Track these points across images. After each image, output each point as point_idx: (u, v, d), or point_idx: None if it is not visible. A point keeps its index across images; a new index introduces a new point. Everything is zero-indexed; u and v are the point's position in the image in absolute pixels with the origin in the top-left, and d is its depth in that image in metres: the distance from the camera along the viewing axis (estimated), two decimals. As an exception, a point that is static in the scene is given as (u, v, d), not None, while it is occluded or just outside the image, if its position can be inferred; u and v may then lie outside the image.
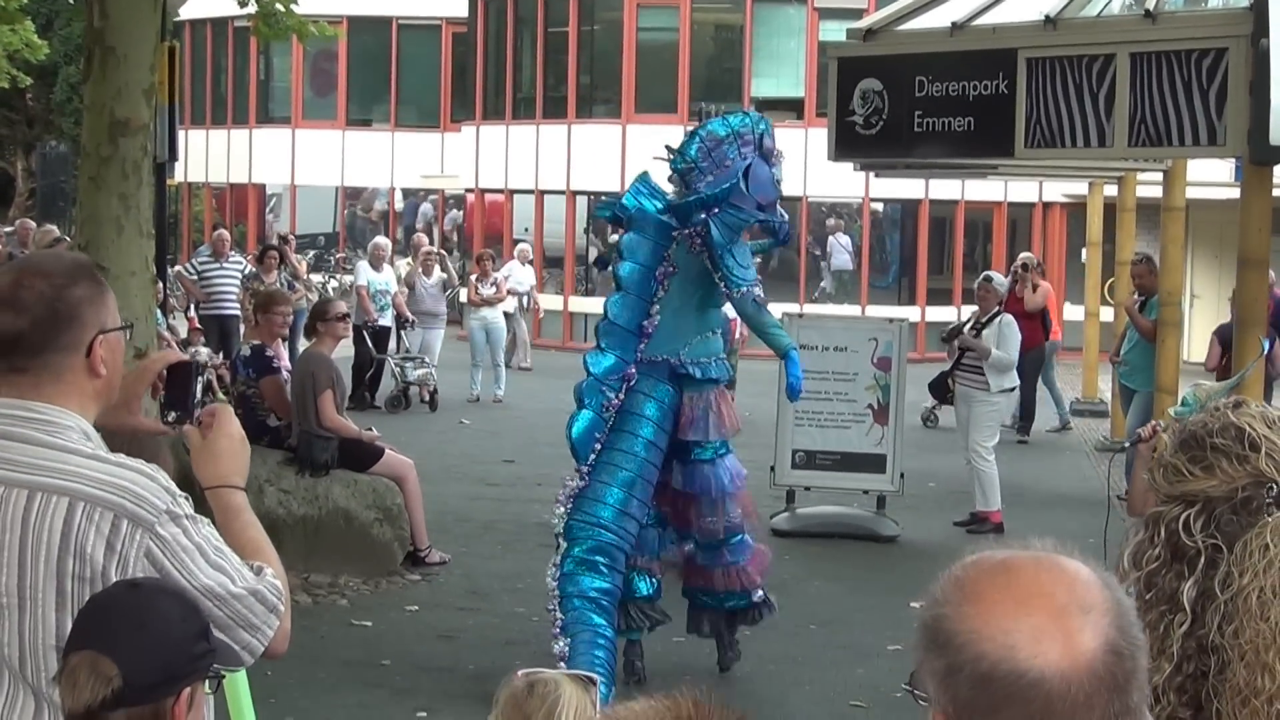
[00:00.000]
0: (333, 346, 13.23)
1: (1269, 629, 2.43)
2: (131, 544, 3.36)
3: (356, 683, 9.82)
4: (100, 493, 3.38)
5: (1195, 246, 30.48)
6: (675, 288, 9.90)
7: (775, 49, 34.24)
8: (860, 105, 14.95)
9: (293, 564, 12.38)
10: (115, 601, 3.10)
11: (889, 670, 10.24)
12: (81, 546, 3.35)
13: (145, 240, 11.99)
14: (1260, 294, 13.01)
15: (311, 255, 37.15)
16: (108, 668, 2.93)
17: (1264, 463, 2.52)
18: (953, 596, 2.03)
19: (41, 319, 3.50)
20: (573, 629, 9.39)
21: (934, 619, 2.03)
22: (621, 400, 9.83)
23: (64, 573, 3.36)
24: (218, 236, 23.61)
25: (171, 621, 3.06)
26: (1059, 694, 1.93)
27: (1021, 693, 1.93)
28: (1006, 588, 2.00)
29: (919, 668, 2.07)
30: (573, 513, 9.73)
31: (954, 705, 1.99)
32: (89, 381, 3.58)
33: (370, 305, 22.26)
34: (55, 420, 3.50)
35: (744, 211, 9.75)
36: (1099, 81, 13.33)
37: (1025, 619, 1.96)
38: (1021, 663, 1.94)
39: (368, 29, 39.88)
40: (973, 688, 1.96)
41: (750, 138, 10.00)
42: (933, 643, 2.02)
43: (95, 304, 3.58)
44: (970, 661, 1.96)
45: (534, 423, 21.64)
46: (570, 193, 34.37)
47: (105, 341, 3.59)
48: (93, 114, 11.93)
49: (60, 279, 3.55)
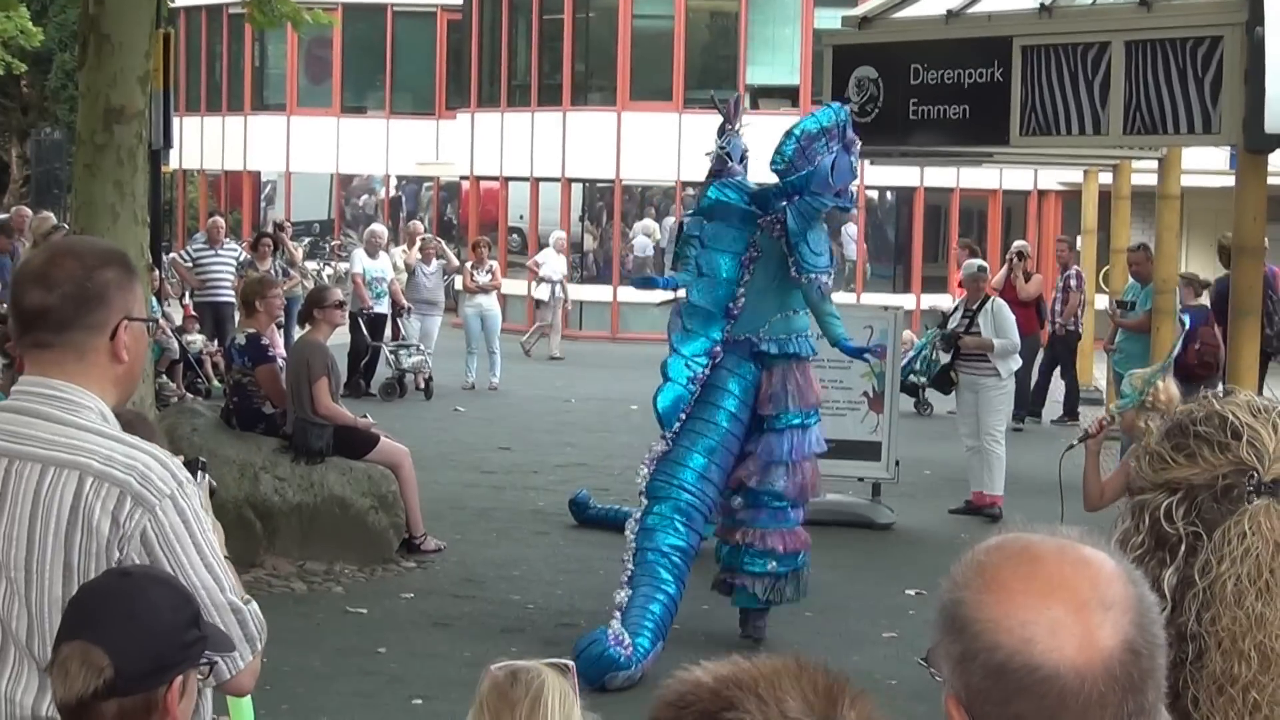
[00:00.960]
0: (328, 334, 13.22)
1: (1245, 616, 2.44)
2: (131, 521, 3.40)
3: (352, 670, 9.84)
4: (110, 469, 3.43)
5: (1190, 234, 30.48)
6: (759, 271, 10.63)
7: (770, 36, 34.24)
8: (856, 93, 14.96)
9: (288, 551, 12.45)
10: (106, 590, 3.10)
11: (884, 657, 10.26)
12: (89, 519, 3.40)
13: (140, 227, 11.99)
14: (1255, 281, 13.04)
15: (307, 242, 37.15)
16: (99, 658, 2.93)
17: (1245, 451, 2.53)
18: (973, 582, 2.01)
19: (70, 295, 3.57)
20: (638, 581, 10.07)
21: (952, 603, 2.01)
22: (707, 376, 10.54)
23: (71, 545, 3.40)
24: (213, 224, 23.60)
25: (162, 610, 3.06)
26: (1073, 690, 1.92)
27: (1035, 686, 1.92)
28: (1028, 578, 1.98)
29: (935, 648, 2.06)
30: (655, 474, 10.42)
31: (966, 691, 1.98)
32: (111, 365, 3.63)
33: (365, 292, 22.25)
34: (75, 400, 3.55)
35: (822, 198, 10.35)
36: (1094, 69, 13.35)
37: (1045, 611, 1.94)
38: (1037, 656, 1.92)
39: (363, 16, 39.85)
40: (985, 677, 1.95)
41: (835, 131, 10.55)
42: (949, 626, 2.01)
43: (123, 289, 3.65)
44: (985, 651, 1.94)
45: (530, 410, 21.68)
46: (565, 180, 34.38)
47: (130, 328, 3.65)
48: (88, 101, 11.93)
49: (92, 260, 3.63)
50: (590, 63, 34.88)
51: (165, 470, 3.48)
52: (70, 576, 3.39)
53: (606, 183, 34.26)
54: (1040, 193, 34.73)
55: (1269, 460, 2.52)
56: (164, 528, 3.41)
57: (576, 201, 35.03)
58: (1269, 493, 2.50)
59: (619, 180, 33.74)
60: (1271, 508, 2.49)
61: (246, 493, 12.24)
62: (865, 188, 33.66)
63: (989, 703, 1.96)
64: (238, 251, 22.94)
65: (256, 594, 11.88)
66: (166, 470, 3.48)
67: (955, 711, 2.01)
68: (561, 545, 13.38)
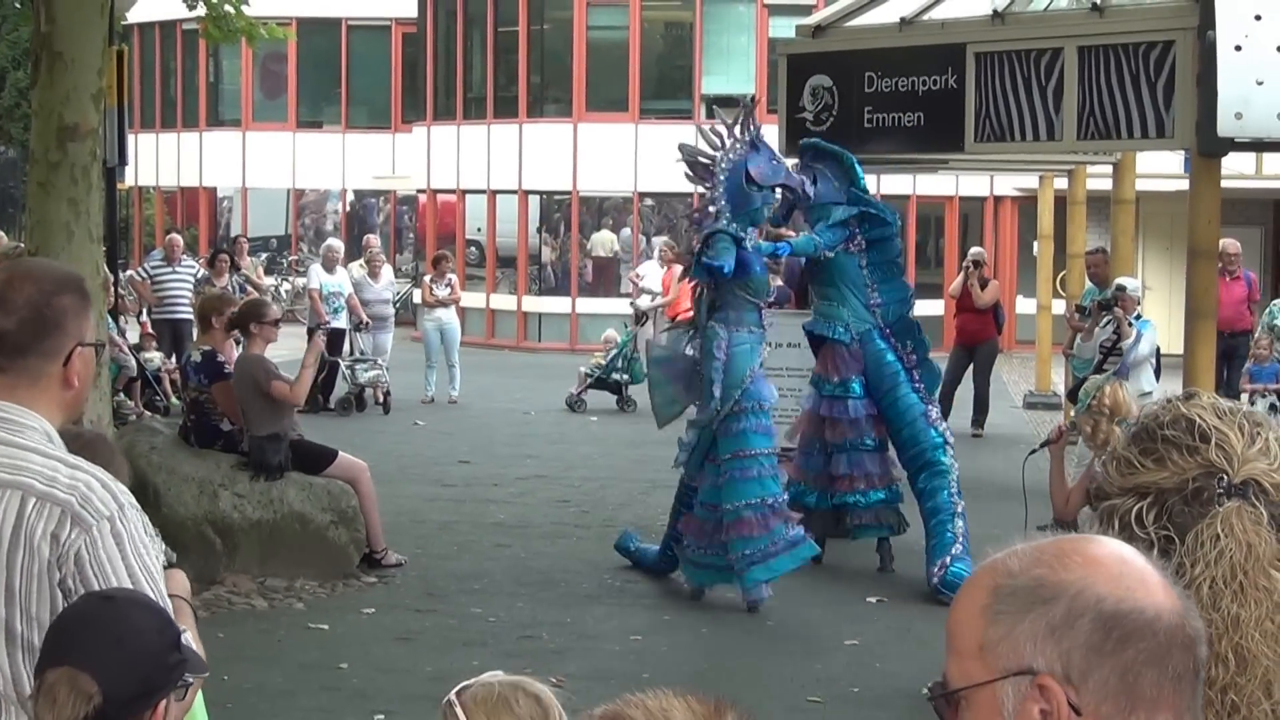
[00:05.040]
0: (263, 349, 13.02)
1: (1221, 619, 2.45)
2: (68, 541, 3.39)
3: (314, 686, 9.79)
4: (52, 490, 3.42)
5: (1146, 238, 30.63)
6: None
7: (725, 46, 34.29)
8: (810, 102, 14.99)
9: (248, 568, 12.41)
10: (90, 615, 3.08)
11: (845, 665, 10.28)
12: (30, 540, 3.38)
13: (95, 245, 11.93)
14: (1210, 284, 13.10)
15: (264, 258, 37.03)
16: (87, 684, 2.91)
17: (1214, 453, 2.54)
18: (1043, 560, 2.03)
19: (27, 321, 3.58)
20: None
21: (1030, 580, 2.01)
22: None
23: (13, 566, 3.39)
24: (170, 241, 23.50)
25: (147, 634, 3.05)
26: (1174, 630, 1.97)
27: (1147, 626, 1.96)
28: (1094, 550, 2.04)
29: (994, 647, 2.00)
30: None
31: (1068, 657, 1.96)
32: (61, 391, 3.65)
33: (322, 307, 22.18)
34: (20, 420, 3.55)
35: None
36: (1047, 75, 13.39)
37: (1127, 568, 2.01)
38: (1141, 600, 1.97)
39: (317, 30, 39.72)
40: (1095, 630, 1.95)
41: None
42: (1034, 600, 1.99)
43: (78, 316, 3.66)
44: (1092, 605, 1.96)
45: (489, 422, 21.65)
46: (523, 192, 34.35)
47: (82, 354, 3.66)
48: (41, 119, 11.86)
49: (49, 286, 3.64)
50: (546, 74, 34.87)
51: (106, 492, 3.46)
52: (13, 599, 3.37)
53: (564, 194, 34.24)
54: (996, 199, 34.85)
55: (1238, 462, 2.53)
56: (97, 549, 3.40)
57: (534, 213, 35.00)
58: (1239, 494, 2.51)
59: (576, 191, 33.73)
60: (1243, 509, 2.49)
61: (206, 510, 12.20)
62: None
63: (1101, 655, 1.96)
64: (195, 268, 22.87)
65: (217, 611, 11.81)
66: (108, 492, 3.47)
67: (1055, 688, 1.96)
68: (523, 558, 13.36)
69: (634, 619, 11.47)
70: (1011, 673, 1.98)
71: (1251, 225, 30.78)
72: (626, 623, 11.36)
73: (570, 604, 11.88)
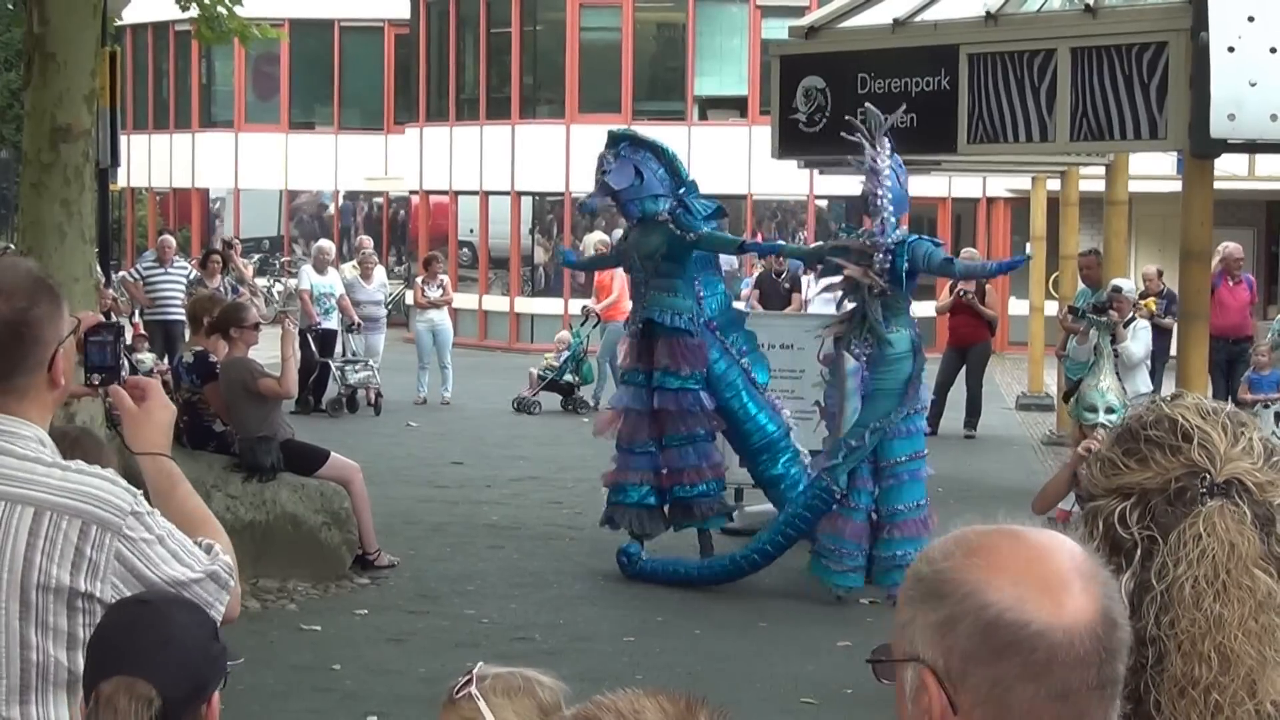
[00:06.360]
0: (244, 352, 12.98)
1: (1204, 618, 2.46)
2: (101, 549, 3.38)
3: (306, 688, 9.79)
4: (66, 500, 3.40)
5: (1139, 240, 30.67)
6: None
7: (718, 47, 34.29)
8: (803, 103, 15.01)
9: (241, 569, 12.24)
10: (132, 622, 3.08)
11: (838, 666, 10.27)
12: (47, 555, 3.36)
13: (88, 246, 11.92)
14: (1203, 285, 13.12)
15: (256, 259, 36.99)
16: (145, 689, 2.92)
17: (1196, 453, 2.55)
18: (956, 553, 2.04)
19: (6, 344, 3.51)
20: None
21: (934, 574, 2.03)
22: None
23: (29, 584, 3.36)
24: (163, 242, 23.48)
25: (190, 630, 3.07)
26: (1062, 647, 1.95)
27: (1026, 641, 1.95)
28: (1013, 546, 2.03)
29: (903, 629, 2.05)
30: None
31: (948, 657, 1.98)
32: (49, 393, 3.61)
33: (313, 309, 22.17)
34: (14, 430, 3.51)
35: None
36: (1040, 76, 13.41)
37: (1033, 573, 1.99)
38: (1029, 612, 1.95)
39: (310, 31, 39.69)
40: (973, 636, 1.96)
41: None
42: (930, 596, 2.02)
43: (54, 320, 3.58)
44: (974, 610, 1.96)
45: (482, 424, 21.64)
46: (515, 193, 34.35)
47: (64, 353, 3.62)
48: (34, 120, 11.85)
49: (22, 300, 3.52)
50: (538, 75, 34.86)
51: (115, 485, 3.46)
52: (28, 614, 3.36)
53: (556, 195, 34.22)
54: (989, 200, 34.87)
55: (1220, 461, 2.53)
56: (135, 542, 3.41)
57: (526, 214, 34.99)
58: (1222, 494, 2.51)
59: (569, 193, 33.70)
60: (1225, 509, 2.50)
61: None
62: (815, 197, 33.76)
63: (973, 663, 1.97)
64: (187, 269, 22.85)
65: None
66: (116, 485, 3.46)
67: (931, 684, 2.00)
68: (515, 559, 13.36)
69: (627, 620, 11.47)
70: (910, 658, 2.04)
71: (1244, 227, 30.81)
72: (619, 624, 11.37)
73: (563, 605, 11.88)
